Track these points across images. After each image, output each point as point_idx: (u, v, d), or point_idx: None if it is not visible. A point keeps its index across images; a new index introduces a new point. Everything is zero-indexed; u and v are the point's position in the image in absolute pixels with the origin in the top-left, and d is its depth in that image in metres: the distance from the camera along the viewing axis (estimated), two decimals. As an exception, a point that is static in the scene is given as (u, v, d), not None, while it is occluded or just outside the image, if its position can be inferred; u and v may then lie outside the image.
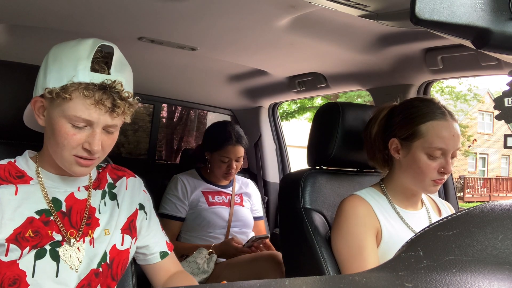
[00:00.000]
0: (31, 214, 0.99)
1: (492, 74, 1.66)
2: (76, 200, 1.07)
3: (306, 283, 0.39)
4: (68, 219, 1.04)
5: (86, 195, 1.09)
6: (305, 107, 11.20)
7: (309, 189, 1.47)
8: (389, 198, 1.34)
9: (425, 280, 0.38)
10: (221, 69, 2.29)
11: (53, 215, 1.01)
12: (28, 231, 0.97)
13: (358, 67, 1.97)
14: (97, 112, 0.95)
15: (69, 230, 1.03)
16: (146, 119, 4.77)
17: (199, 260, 1.94)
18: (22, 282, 0.95)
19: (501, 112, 0.68)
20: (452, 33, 0.48)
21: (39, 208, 1.01)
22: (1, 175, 1.01)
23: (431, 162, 1.23)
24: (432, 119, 1.24)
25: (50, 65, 0.98)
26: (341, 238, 1.29)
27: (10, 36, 1.76)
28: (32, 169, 1.05)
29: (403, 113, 1.30)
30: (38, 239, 0.98)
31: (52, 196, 1.03)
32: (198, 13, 1.49)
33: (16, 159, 1.07)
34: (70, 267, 1.00)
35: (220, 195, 2.26)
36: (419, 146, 1.24)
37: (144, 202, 1.20)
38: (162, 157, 4.78)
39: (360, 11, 1.29)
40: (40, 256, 0.97)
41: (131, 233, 1.14)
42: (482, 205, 0.47)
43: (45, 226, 1.00)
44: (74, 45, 0.98)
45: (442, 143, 1.22)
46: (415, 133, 1.25)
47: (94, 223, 1.07)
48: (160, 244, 1.21)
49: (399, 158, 1.30)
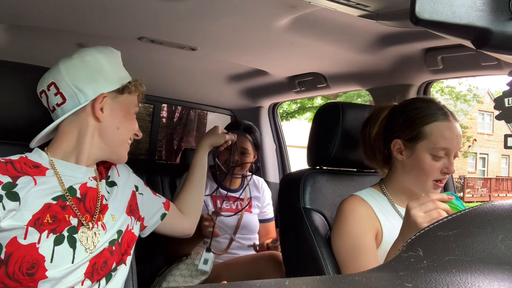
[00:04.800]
0: (48, 200, 1.04)
1: (492, 74, 1.66)
2: (89, 188, 1.14)
3: (306, 283, 0.39)
4: (83, 204, 1.11)
5: (95, 184, 1.17)
6: (305, 107, 11.20)
7: (309, 189, 1.47)
8: (390, 197, 1.34)
9: (425, 280, 0.38)
10: (221, 69, 2.29)
11: (69, 200, 1.08)
12: (47, 216, 1.02)
13: (358, 67, 1.97)
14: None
15: (84, 215, 1.09)
16: (146, 119, 4.77)
17: (197, 261, 1.92)
18: (41, 266, 0.99)
19: (501, 112, 0.68)
20: (452, 33, 0.48)
21: (55, 195, 1.06)
22: (17, 167, 1.05)
23: (435, 163, 1.25)
24: (435, 120, 1.26)
25: (105, 66, 1.16)
26: (341, 239, 1.29)
27: (10, 36, 1.76)
28: (46, 161, 1.10)
29: (405, 114, 1.31)
30: (56, 224, 1.03)
31: (68, 184, 1.09)
32: (198, 13, 1.49)
33: (26, 155, 1.11)
34: (85, 250, 1.06)
35: (229, 201, 2.14)
36: (423, 147, 1.25)
37: (137, 183, 1.32)
38: (162, 157, 4.78)
39: (360, 11, 1.29)
40: (59, 242, 1.02)
41: (133, 214, 1.23)
42: (482, 205, 0.47)
43: (62, 211, 1.05)
44: (111, 52, 1.20)
45: (446, 143, 1.24)
46: (419, 134, 1.26)
47: (104, 209, 1.15)
48: (158, 209, 1.35)
49: (402, 159, 1.30)
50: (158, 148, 4.65)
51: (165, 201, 1.39)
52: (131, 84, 1.19)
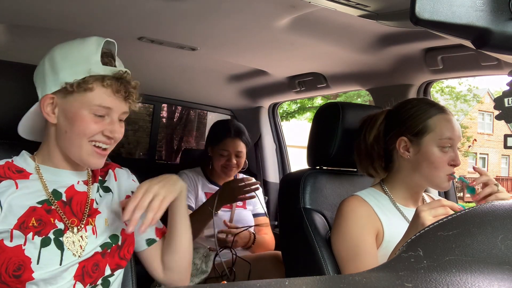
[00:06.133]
0: (33, 204, 1.03)
1: (492, 74, 1.66)
2: (77, 192, 1.11)
3: (306, 283, 0.39)
4: (69, 208, 1.07)
5: (85, 188, 1.13)
6: (305, 107, 11.19)
7: (309, 189, 1.47)
8: (391, 196, 1.34)
9: (425, 280, 0.38)
10: (221, 69, 2.29)
11: (54, 204, 1.05)
12: (32, 220, 1.00)
13: (358, 67, 1.97)
14: (116, 100, 1.05)
15: (70, 218, 1.06)
16: (146, 119, 4.77)
17: (196, 260, 1.92)
18: (27, 268, 0.97)
19: (501, 112, 0.68)
20: (452, 33, 0.48)
21: (40, 199, 1.04)
22: (0, 173, 1.04)
23: (443, 155, 1.27)
24: (436, 113, 1.30)
25: (59, 63, 1.05)
26: (341, 239, 1.29)
27: (10, 36, 1.76)
28: (31, 166, 1.09)
29: (406, 112, 1.33)
30: (41, 227, 1.01)
31: (52, 188, 1.07)
32: (198, 13, 1.49)
33: (13, 159, 1.10)
34: (73, 254, 1.03)
35: None
36: (430, 140, 1.28)
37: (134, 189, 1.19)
38: (162, 157, 4.78)
39: (360, 11, 1.29)
40: (46, 244, 1.00)
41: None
42: (482, 205, 0.47)
43: (47, 214, 1.03)
44: (80, 43, 1.07)
45: (450, 133, 1.28)
46: (425, 127, 1.29)
47: (94, 213, 1.11)
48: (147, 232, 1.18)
49: (409, 156, 1.31)
50: (158, 148, 4.65)
51: (162, 226, 1.23)
52: (85, 80, 1.01)
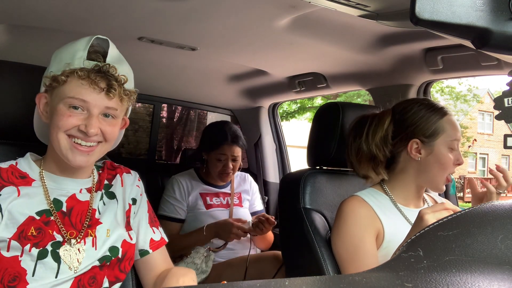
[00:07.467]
0: (32, 214, 1.00)
1: (492, 74, 1.66)
2: (78, 201, 1.07)
3: (306, 283, 0.39)
4: (68, 219, 1.04)
5: (88, 197, 1.10)
6: (305, 107, 11.19)
7: (309, 189, 1.47)
8: (391, 197, 1.34)
9: (425, 280, 0.38)
10: (221, 69, 2.29)
11: (53, 214, 1.02)
12: (31, 229, 0.98)
13: (358, 67, 1.97)
14: (93, 93, 0.98)
15: (69, 230, 1.03)
16: (146, 119, 4.77)
17: (197, 260, 1.93)
18: (22, 280, 0.96)
19: (501, 112, 0.68)
20: (452, 33, 0.48)
21: (39, 209, 1.02)
22: (4, 177, 1.02)
23: (451, 156, 1.29)
24: (444, 114, 1.32)
25: (51, 63, 1.05)
26: (341, 240, 1.29)
27: (10, 36, 1.76)
28: (35, 172, 1.06)
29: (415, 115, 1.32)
30: (40, 237, 0.99)
31: (53, 197, 1.04)
32: (198, 13, 1.49)
33: (17, 161, 1.08)
34: (69, 268, 1.00)
35: (218, 197, 2.22)
36: (442, 142, 1.29)
37: (136, 196, 1.19)
38: (162, 157, 4.78)
39: (360, 11, 1.29)
40: (43, 256, 0.98)
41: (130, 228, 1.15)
42: (482, 205, 0.47)
43: (46, 226, 1.01)
44: (73, 42, 1.05)
45: (458, 134, 1.31)
46: (437, 129, 1.30)
47: (95, 224, 1.08)
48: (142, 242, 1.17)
49: (420, 158, 1.30)
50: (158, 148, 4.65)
51: (159, 239, 1.19)
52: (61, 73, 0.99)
